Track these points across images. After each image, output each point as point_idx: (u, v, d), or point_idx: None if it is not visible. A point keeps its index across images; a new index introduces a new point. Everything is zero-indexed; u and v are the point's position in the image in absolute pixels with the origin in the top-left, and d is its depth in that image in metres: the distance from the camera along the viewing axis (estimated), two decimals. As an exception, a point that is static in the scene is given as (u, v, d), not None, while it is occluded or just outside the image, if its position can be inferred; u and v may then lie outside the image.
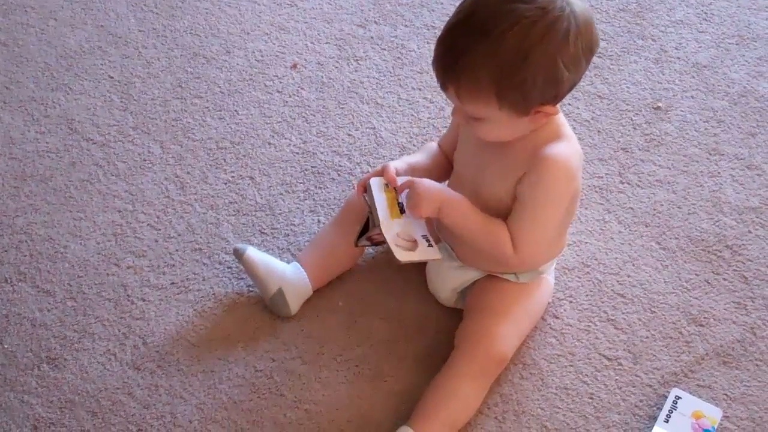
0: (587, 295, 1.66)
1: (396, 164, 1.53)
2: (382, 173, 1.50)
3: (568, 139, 1.43)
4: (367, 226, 1.51)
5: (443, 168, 1.62)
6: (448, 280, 1.59)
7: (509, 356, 1.52)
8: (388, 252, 1.46)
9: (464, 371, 1.48)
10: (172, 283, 1.70)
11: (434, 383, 1.48)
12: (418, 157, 1.62)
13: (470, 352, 1.48)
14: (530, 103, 1.33)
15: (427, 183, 1.46)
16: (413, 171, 1.56)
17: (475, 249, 1.50)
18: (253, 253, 1.61)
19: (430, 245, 1.48)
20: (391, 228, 1.46)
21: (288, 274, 1.62)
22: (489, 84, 1.30)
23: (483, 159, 1.48)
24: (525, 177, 1.41)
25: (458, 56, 1.30)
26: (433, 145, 1.66)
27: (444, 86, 1.35)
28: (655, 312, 1.63)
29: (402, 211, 1.49)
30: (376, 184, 1.49)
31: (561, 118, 1.44)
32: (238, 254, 1.61)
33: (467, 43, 1.30)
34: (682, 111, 1.95)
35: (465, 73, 1.31)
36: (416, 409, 1.47)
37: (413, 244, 1.47)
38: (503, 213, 1.47)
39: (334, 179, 1.86)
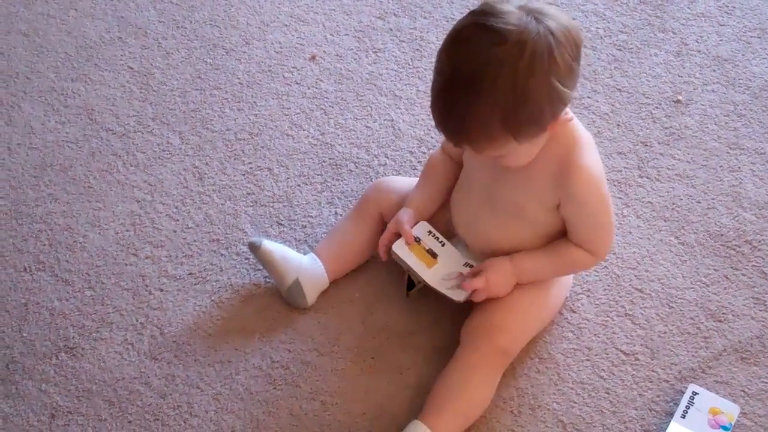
0: (605, 290, 1.65)
1: (408, 215, 1.56)
2: (398, 233, 1.55)
3: (584, 141, 1.44)
4: (412, 282, 1.59)
5: (453, 175, 1.60)
6: None
7: (514, 350, 1.52)
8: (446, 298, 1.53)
9: (469, 363, 1.48)
10: (190, 274, 1.71)
11: (442, 376, 1.49)
12: (428, 188, 1.61)
13: (474, 345, 1.49)
14: (544, 124, 1.34)
15: (493, 269, 1.50)
16: (427, 206, 1.59)
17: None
18: (269, 244, 1.61)
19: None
20: (436, 277, 1.53)
21: (305, 264, 1.62)
22: (501, 130, 1.30)
23: (498, 166, 1.46)
24: (566, 201, 1.44)
25: (462, 118, 1.30)
26: (434, 160, 1.62)
27: (458, 145, 1.36)
28: (673, 307, 1.63)
29: (433, 255, 1.54)
30: (400, 249, 1.54)
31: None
32: (254, 247, 1.61)
33: (465, 103, 1.28)
34: (703, 105, 1.94)
35: (474, 130, 1.31)
36: (426, 403, 1.47)
37: (461, 277, 1.53)
38: (523, 219, 1.48)
39: (351, 171, 1.86)
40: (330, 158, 1.89)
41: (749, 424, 1.48)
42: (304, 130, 1.94)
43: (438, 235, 1.56)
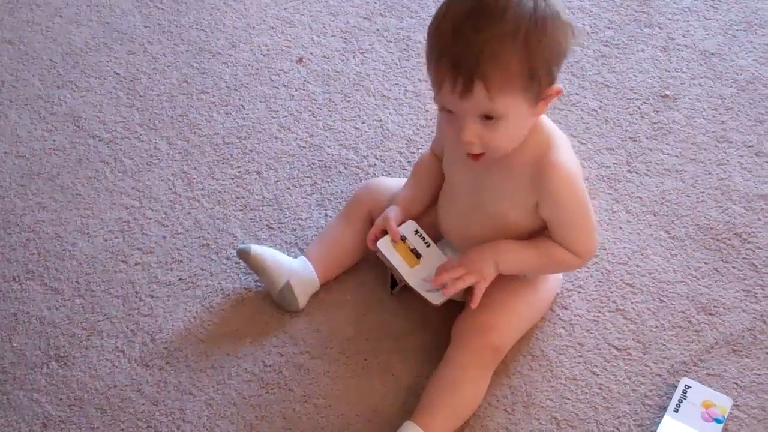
0: (596, 286, 1.65)
1: (395, 213, 1.55)
2: (385, 229, 1.54)
3: (558, 140, 1.43)
4: (395, 281, 1.59)
5: (443, 178, 1.58)
6: None
7: (504, 347, 1.52)
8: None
9: (460, 362, 1.48)
10: (180, 279, 1.70)
11: (434, 376, 1.49)
12: (416, 188, 1.61)
13: (464, 343, 1.49)
14: (552, 78, 1.32)
15: (472, 253, 1.48)
16: (414, 205, 1.58)
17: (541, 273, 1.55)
18: (258, 249, 1.61)
19: None
20: (416, 276, 1.52)
21: (295, 268, 1.62)
22: (520, 63, 1.27)
23: (478, 173, 1.46)
24: (543, 201, 1.43)
25: (479, 52, 1.26)
26: (423, 160, 1.62)
27: (468, 90, 1.28)
28: (664, 301, 1.63)
29: (417, 255, 1.54)
30: (384, 246, 1.53)
31: (544, 119, 1.43)
32: (244, 254, 1.61)
33: (486, 35, 1.25)
34: (690, 99, 1.94)
35: (490, 64, 1.26)
36: (419, 403, 1.47)
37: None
38: (507, 224, 1.48)
39: (341, 173, 1.86)
40: (319, 160, 1.88)
41: (742, 417, 1.48)
42: (292, 132, 1.94)
43: (425, 235, 1.56)
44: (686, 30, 2.08)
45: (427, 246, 1.55)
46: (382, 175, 1.84)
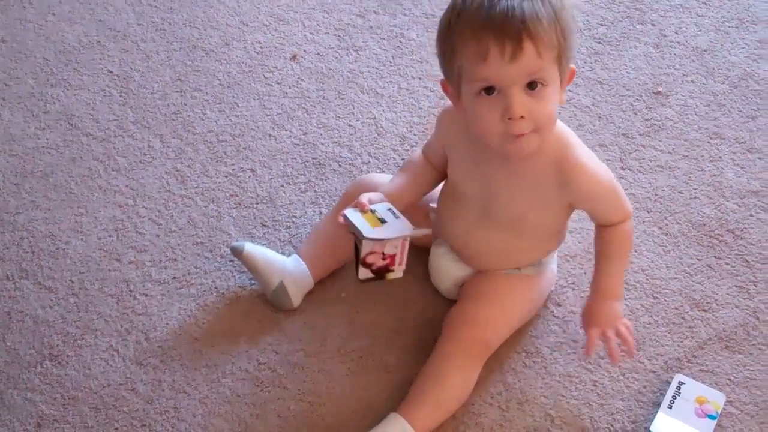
0: (590, 282, 1.65)
1: (371, 196, 1.48)
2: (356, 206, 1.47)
3: (571, 137, 1.44)
4: (358, 254, 1.46)
5: (433, 180, 1.58)
6: (450, 273, 1.59)
7: (493, 341, 1.52)
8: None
9: (448, 354, 1.48)
10: (174, 278, 1.70)
11: (423, 369, 1.49)
12: (405, 180, 1.57)
13: (454, 335, 1.49)
14: (572, 53, 1.34)
15: (598, 314, 1.47)
16: (398, 199, 1.52)
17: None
18: (251, 248, 1.61)
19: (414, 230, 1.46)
20: (374, 234, 1.42)
21: (288, 266, 1.62)
22: (552, 28, 1.28)
23: (489, 174, 1.45)
24: (579, 200, 1.44)
25: (521, 12, 1.26)
26: (416, 159, 1.59)
27: (518, 50, 1.27)
28: (657, 298, 1.63)
29: (382, 222, 1.45)
30: (351, 212, 1.45)
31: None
32: (237, 252, 1.61)
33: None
34: (683, 95, 1.94)
35: (534, 22, 1.27)
36: (407, 395, 1.47)
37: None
38: (523, 227, 1.49)
39: (335, 170, 1.86)
40: (313, 158, 1.88)
41: (735, 412, 1.49)
42: (286, 130, 1.94)
43: (396, 211, 1.47)
44: (678, 27, 2.08)
45: (396, 218, 1.46)
46: (376, 172, 1.84)
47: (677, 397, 1.49)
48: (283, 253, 1.70)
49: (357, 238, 1.44)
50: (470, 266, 1.57)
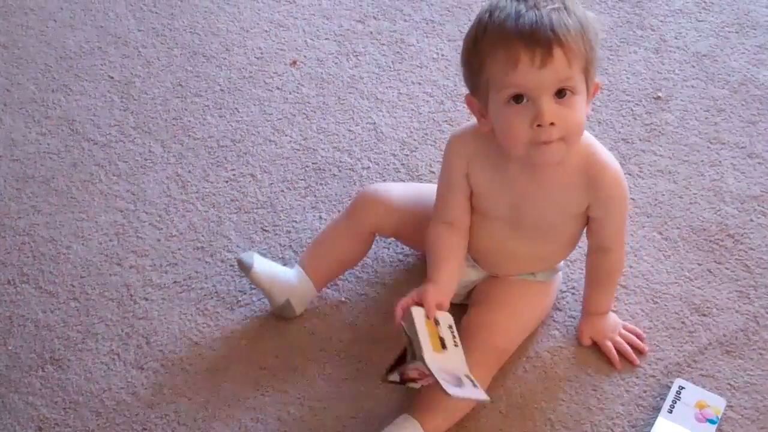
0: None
1: (433, 291, 1.43)
2: (420, 302, 1.42)
3: (592, 138, 1.45)
4: (404, 359, 1.41)
5: (464, 249, 1.53)
6: (460, 277, 1.57)
7: (510, 349, 1.52)
8: (434, 387, 1.36)
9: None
10: (175, 282, 1.71)
11: None
12: (447, 269, 1.48)
13: (472, 345, 1.48)
14: (596, 66, 1.36)
15: (595, 330, 1.57)
16: (450, 285, 1.47)
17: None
18: (258, 268, 1.58)
19: (475, 386, 1.40)
20: (435, 362, 1.37)
21: (294, 283, 1.60)
22: (579, 38, 1.30)
23: (518, 187, 1.43)
24: (597, 202, 1.45)
25: (550, 21, 1.28)
26: (445, 238, 1.50)
27: (547, 56, 1.28)
28: (657, 302, 1.63)
29: (443, 345, 1.40)
30: (419, 314, 1.40)
31: None
32: (244, 269, 1.59)
33: (549, 8, 1.29)
34: (683, 100, 1.94)
35: (563, 30, 1.29)
36: (418, 398, 1.46)
37: (458, 381, 1.39)
38: (552, 233, 1.51)
39: (335, 175, 1.86)
40: (313, 163, 1.89)
41: (736, 417, 1.49)
42: (286, 135, 1.94)
43: (456, 333, 1.43)
44: (678, 32, 2.08)
45: (455, 345, 1.43)
46: (377, 177, 1.84)
47: (677, 401, 1.49)
48: (282, 258, 1.70)
49: (411, 342, 1.39)
50: (486, 271, 1.57)
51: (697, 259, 1.69)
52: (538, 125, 1.31)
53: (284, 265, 1.66)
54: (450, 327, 1.44)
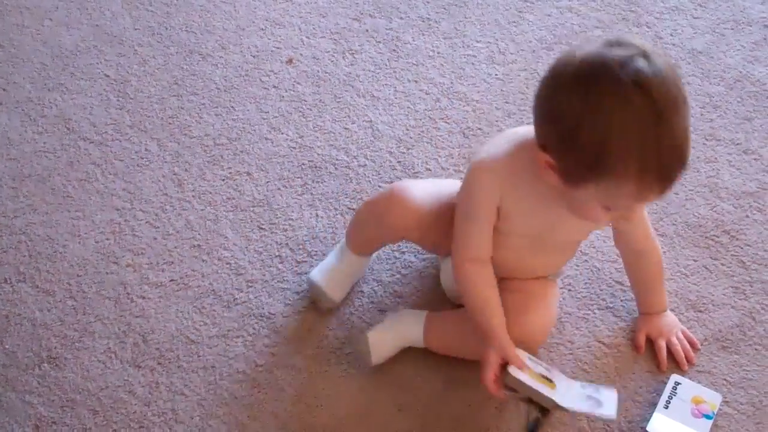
0: (585, 284, 1.66)
1: (511, 345, 1.42)
2: (503, 363, 1.41)
3: None
4: (537, 423, 1.43)
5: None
6: None
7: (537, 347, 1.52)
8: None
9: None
10: (171, 280, 1.71)
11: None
12: (500, 309, 1.45)
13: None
14: None
15: (656, 330, 1.57)
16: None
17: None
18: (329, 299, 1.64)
19: (599, 401, 1.42)
20: (564, 399, 1.39)
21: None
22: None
23: (554, 211, 1.39)
24: (621, 218, 1.43)
25: (686, 157, 1.23)
26: (488, 279, 1.46)
27: (665, 191, 1.25)
28: (653, 299, 1.63)
29: (548, 379, 1.41)
30: (516, 372, 1.39)
31: None
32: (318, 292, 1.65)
33: (684, 123, 1.23)
34: (678, 97, 1.94)
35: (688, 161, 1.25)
36: (430, 325, 1.55)
37: (588, 398, 1.42)
38: (572, 249, 1.54)
39: (331, 173, 1.86)
40: (309, 161, 1.89)
41: (732, 413, 1.49)
42: (282, 133, 1.94)
43: (537, 360, 1.45)
44: (674, 29, 2.09)
45: (548, 370, 1.44)
46: (373, 175, 1.84)
47: (673, 397, 1.49)
48: (278, 256, 1.71)
49: (530, 399, 1.40)
50: (497, 274, 1.54)
51: (693, 255, 1.69)
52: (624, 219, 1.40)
53: (282, 263, 1.66)
54: (530, 359, 1.43)
